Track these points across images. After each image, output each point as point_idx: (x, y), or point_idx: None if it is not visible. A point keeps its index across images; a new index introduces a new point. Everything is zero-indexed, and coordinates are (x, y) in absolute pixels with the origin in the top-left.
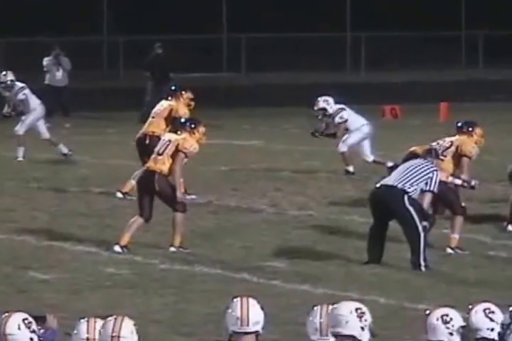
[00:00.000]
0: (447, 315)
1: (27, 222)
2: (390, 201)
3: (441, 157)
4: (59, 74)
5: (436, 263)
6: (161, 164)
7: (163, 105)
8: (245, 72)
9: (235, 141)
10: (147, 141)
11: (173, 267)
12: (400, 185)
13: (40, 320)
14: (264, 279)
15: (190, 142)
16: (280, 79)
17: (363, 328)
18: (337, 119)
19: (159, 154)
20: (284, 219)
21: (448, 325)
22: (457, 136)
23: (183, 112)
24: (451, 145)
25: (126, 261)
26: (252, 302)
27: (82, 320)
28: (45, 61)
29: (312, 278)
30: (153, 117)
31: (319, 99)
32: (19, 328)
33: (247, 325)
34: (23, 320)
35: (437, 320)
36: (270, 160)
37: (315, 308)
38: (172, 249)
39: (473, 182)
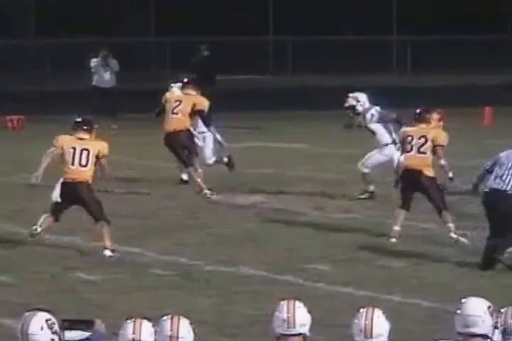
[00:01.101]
0: (490, 307)
1: (74, 223)
2: (499, 206)
3: (421, 155)
4: (106, 75)
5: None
6: (87, 175)
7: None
8: (291, 75)
9: (279, 144)
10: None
11: (217, 268)
12: (509, 190)
13: (88, 323)
14: (308, 281)
15: (105, 145)
16: (325, 82)
17: (493, 325)
18: None
19: (83, 166)
20: (328, 222)
21: (493, 318)
22: (420, 128)
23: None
24: (426, 141)
25: (171, 263)
26: (298, 304)
27: (128, 321)
28: (93, 62)
29: (355, 281)
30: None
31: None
32: (42, 329)
33: (294, 327)
34: (47, 320)
35: (485, 313)
36: (314, 163)
37: (361, 310)
38: (107, 252)
39: (450, 174)
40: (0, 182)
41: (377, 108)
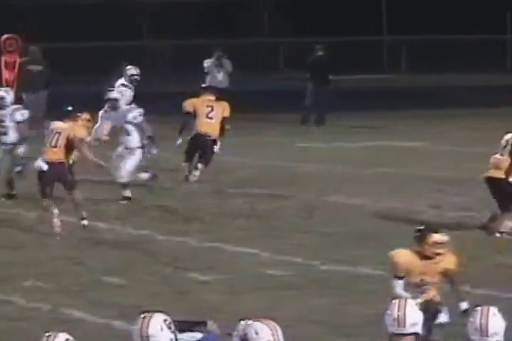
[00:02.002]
0: None
1: (187, 223)
2: None
3: (500, 156)
4: (220, 76)
5: None
6: (60, 154)
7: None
8: (406, 74)
9: (396, 143)
10: None
11: (334, 268)
12: None
13: (200, 325)
14: None
15: (79, 130)
16: (441, 81)
17: None
18: (18, 117)
19: (54, 147)
20: (445, 221)
21: None
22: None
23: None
24: (506, 144)
25: (287, 263)
26: (410, 303)
27: (242, 322)
28: (206, 63)
29: (473, 279)
30: None
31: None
32: (161, 329)
33: (404, 327)
34: (164, 320)
35: None
36: (433, 161)
37: (476, 309)
38: (84, 222)
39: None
40: (111, 183)
41: (141, 111)
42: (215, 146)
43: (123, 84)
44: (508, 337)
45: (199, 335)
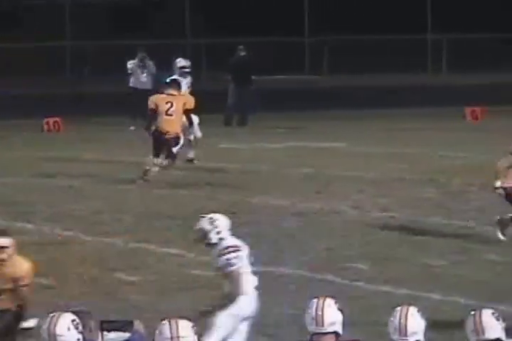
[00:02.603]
0: (495, 313)
1: (114, 224)
2: None
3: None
4: (143, 77)
5: None
6: None
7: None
8: (327, 75)
9: (317, 144)
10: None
11: (257, 268)
12: None
13: (127, 324)
14: (347, 280)
15: None
16: (362, 82)
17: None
18: None
19: None
20: (367, 221)
21: (500, 322)
22: None
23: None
24: None
25: (211, 263)
26: (328, 302)
27: (164, 321)
28: (130, 64)
29: (394, 279)
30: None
31: None
32: (68, 329)
33: (322, 326)
34: (72, 321)
35: (490, 317)
36: (353, 162)
37: (396, 309)
38: None
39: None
40: (40, 184)
41: None
42: (178, 145)
43: (173, 79)
44: (428, 336)
45: (126, 335)
